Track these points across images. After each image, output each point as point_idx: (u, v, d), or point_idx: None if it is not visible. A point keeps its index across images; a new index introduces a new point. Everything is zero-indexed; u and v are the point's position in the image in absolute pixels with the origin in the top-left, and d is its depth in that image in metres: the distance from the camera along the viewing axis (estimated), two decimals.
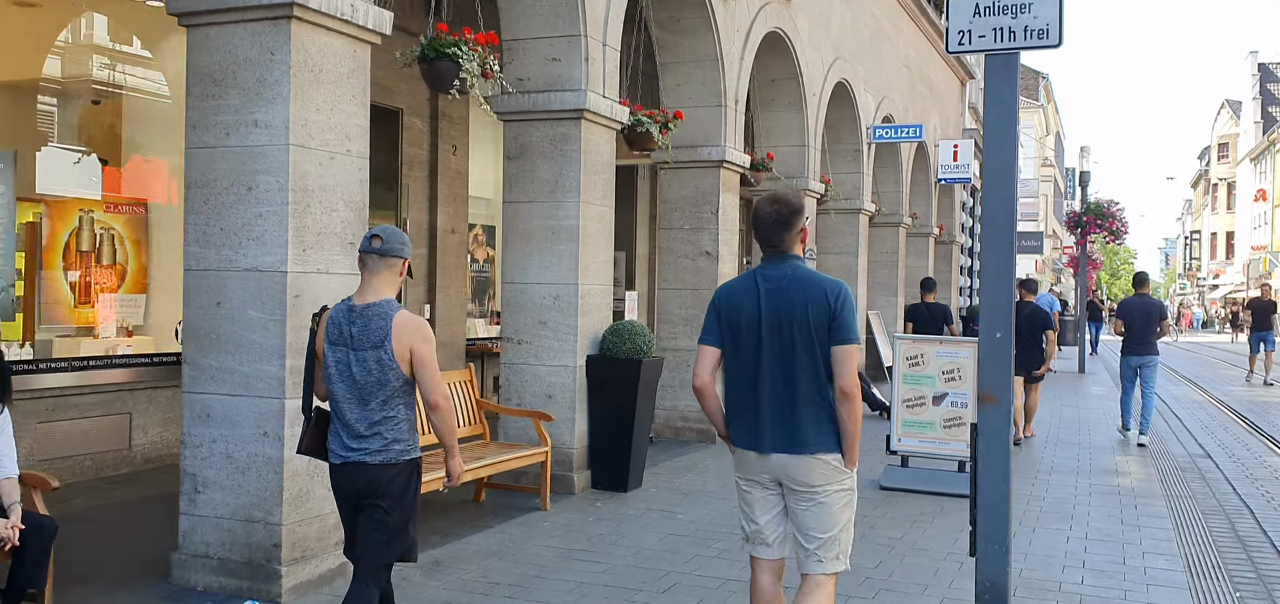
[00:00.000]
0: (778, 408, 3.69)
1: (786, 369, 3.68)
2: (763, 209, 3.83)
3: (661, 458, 9.70)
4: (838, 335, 3.66)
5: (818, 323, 3.66)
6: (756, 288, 3.77)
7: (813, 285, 3.72)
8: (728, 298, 3.86)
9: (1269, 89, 73.08)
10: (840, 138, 16.09)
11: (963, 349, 8.67)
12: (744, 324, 3.75)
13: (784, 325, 3.68)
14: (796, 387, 3.67)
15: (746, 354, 3.75)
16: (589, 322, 8.17)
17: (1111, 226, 22.73)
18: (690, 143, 10.76)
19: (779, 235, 3.79)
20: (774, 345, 3.69)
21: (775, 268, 3.79)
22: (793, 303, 3.69)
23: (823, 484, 3.70)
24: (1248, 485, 9.22)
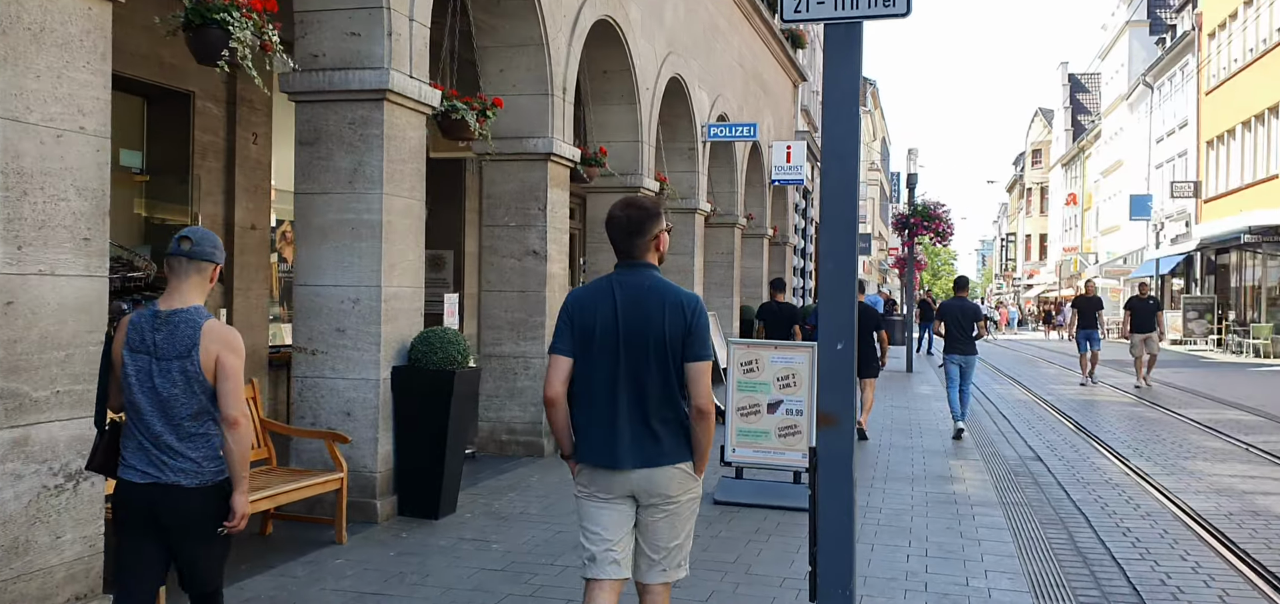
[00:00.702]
0: (636, 421, 3.57)
1: (638, 380, 3.57)
2: (615, 214, 3.70)
3: (483, 476, 8.94)
4: (692, 351, 3.58)
5: (673, 336, 3.56)
6: (613, 295, 3.63)
7: (669, 297, 3.61)
8: (581, 304, 3.68)
9: (1078, 99, 77.37)
10: (675, 135, 15.63)
11: (798, 354, 8.23)
12: (599, 333, 3.60)
13: (640, 336, 3.57)
14: (650, 399, 3.57)
15: (601, 364, 3.60)
16: (395, 329, 7.33)
17: (938, 228, 23.16)
18: (515, 133, 10.03)
19: (631, 242, 3.67)
20: (630, 356, 3.57)
21: (631, 276, 3.66)
22: (648, 312, 3.57)
23: (679, 494, 3.64)
24: (1080, 490, 9.13)
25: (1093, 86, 76.73)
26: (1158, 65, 43.79)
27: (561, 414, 3.67)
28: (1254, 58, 31.85)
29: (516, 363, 10.09)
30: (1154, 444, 11.96)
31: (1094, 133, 62.97)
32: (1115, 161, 54.55)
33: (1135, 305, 19.52)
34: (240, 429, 3.56)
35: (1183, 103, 40.15)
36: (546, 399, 3.65)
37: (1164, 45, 45.68)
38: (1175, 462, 10.69)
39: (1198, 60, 37.64)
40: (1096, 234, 60.13)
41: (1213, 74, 36.03)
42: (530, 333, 10.05)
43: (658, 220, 3.71)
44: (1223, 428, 13.34)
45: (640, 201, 3.77)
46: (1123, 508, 8.38)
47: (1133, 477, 9.80)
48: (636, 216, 3.67)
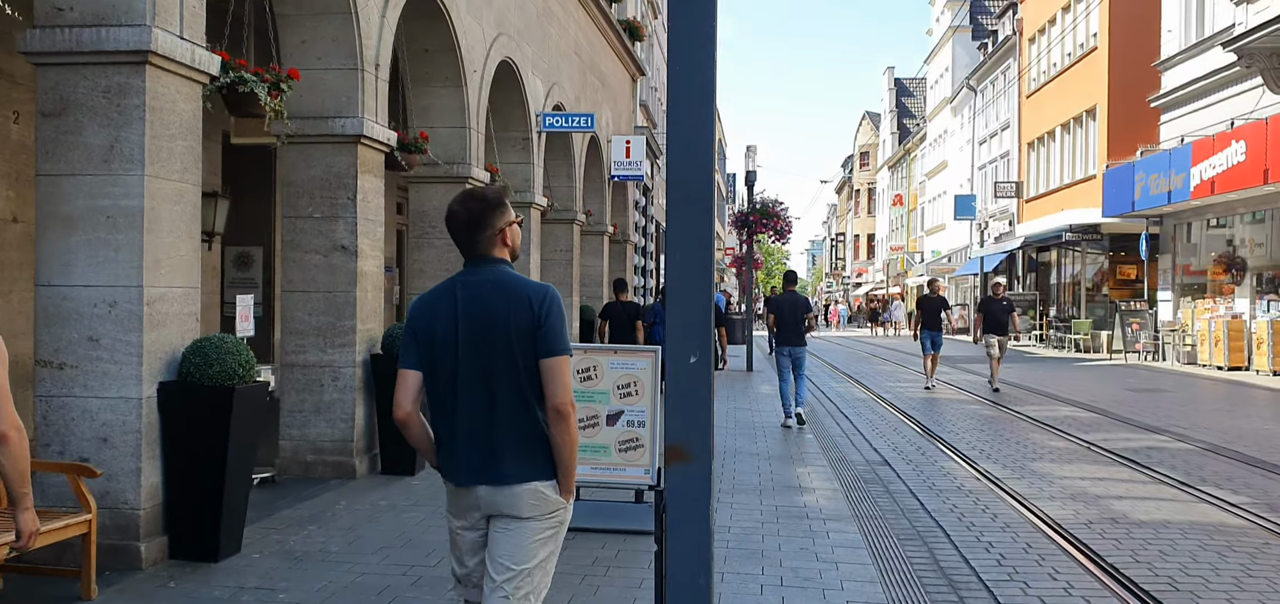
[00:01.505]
0: (476, 433, 3.28)
1: (486, 388, 3.27)
2: (454, 209, 3.41)
3: (281, 504, 7.80)
4: (545, 345, 3.27)
5: (521, 333, 3.26)
6: (454, 297, 3.35)
7: (515, 290, 3.31)
8: (423, 311, 3.41)
9: (903, 102, 80.00)
10: (508, 124, 14.66)
11: (640, 359, 7.42)
12: (440, 339, 3.32)
13: (482, 338, 3.28)
14: (497, 407, 3.27)
15: (443, 374, 3.33)
16: (163, 337, 6.14)
17: (776, 226, 22.89)
18: (319, 113, 8.89)
19: (474, 237, 3.38)
20: (472, 361, 3.29)
21: (475, 274, 3.37)
22: (492, 311, 3.28)
23: (532, 516, 3.29)
24: (934, 499, 8.65)
25: (918, 91, 79.46)
26: (980, 69, 45.28)
27: (417, 430, 3.40)
28: (1071, 62, 33.09)
29: (323, 373, 8.95)
30: (999, 444, 11.71)
31: (919, 135, 65.03)
32: (940, 163, 56.35)
33: (989, 306, 18.47)
34: (11, 444, 3.28)
35: (1005, 106, 41.59)
36: (397, 420, 3.37)
37: (986, 50, 47.34)
38: (1023, 463, 10.41)
39: (1019, 65, 39.00)
40: (922, 233, 62.09)
41: (1033, 78, 37.36)
42: (339, 339, 8.92)
43: (501, 211, 3.40)
44: (1061, 425, 13.29)
45: (481, 193, 3.45)
46: (980, 518, 7.91)
47: (984, 482, 9.41)
48: (477, 210, 3.37)
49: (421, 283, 12.01)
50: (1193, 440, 11.92)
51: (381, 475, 9.09)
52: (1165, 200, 22.73)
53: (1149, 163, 23.72)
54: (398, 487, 8.61)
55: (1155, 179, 23.12)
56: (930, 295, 19.28)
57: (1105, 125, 29.74)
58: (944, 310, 19.07)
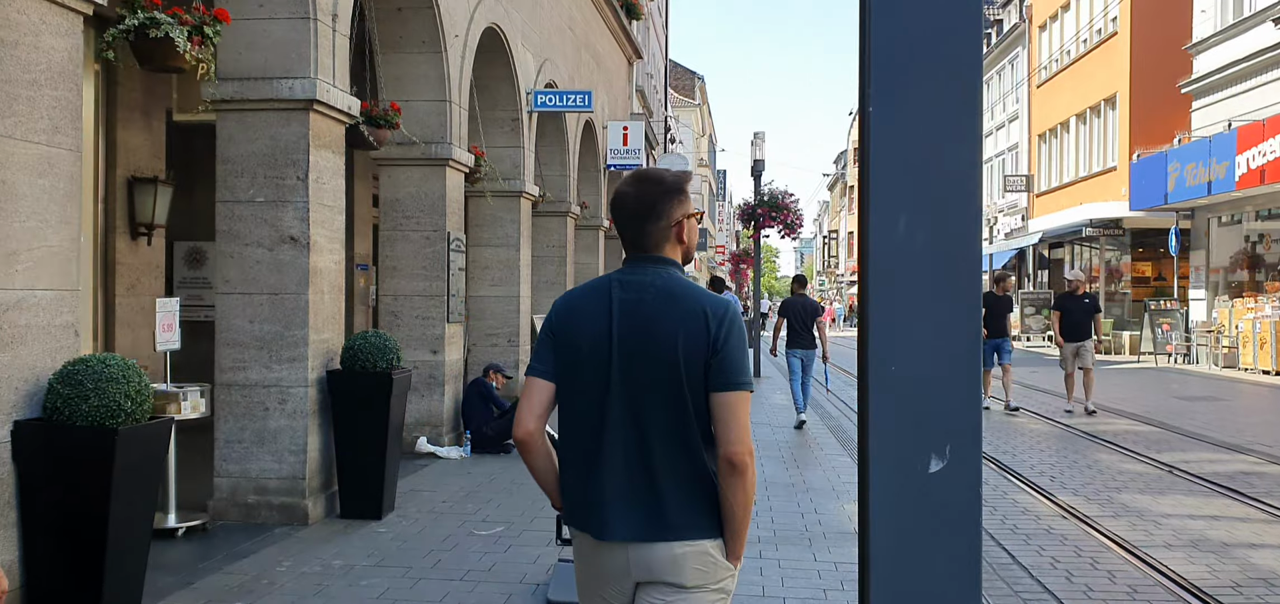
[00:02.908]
0: (630, 474, 2.59)
1: (643, 419, 2.59)
2: (622, 191, 2.73)
3: (212, 562, 6.13)
4: (722, 376, 2.55)
5: (691, 358, 2.55)
6: (609, 301, 2.65)
7: (687, 303, 2.60)
8: (568, 312, 2.72)
9: None
10: (495, 102, 12.96)
11: None
12: (587, 350, 2.63)
13: (642, 357, 2.59)
14: (656, 444, 2.58)
15: (588, 394, 2.63)
16: (20, 360, 4.46)
17: (786, 219, 21.22)
18: (262, 72, 7.20)
19: (642, 228, 2.68)
20: (627, 384, 2.60)
21: (637, 274, 2.67)
22: (657, 326, 2.60)
23: (698, 584, 2.60)
24: (1025, 548, 7.03)
25: None
26: (987, 58, 43.74)
27: (539, 457, 2.72)
28: (1087, 49, 31.54)
29: (268, 395, 7.25)
30: (1067, 469, 10.09)
31: None
32: None
33: (1067, 305, 14.54)
34: None
35: (1012, 97, 40.04)
36: (517, 438, 2.69)
37: (989, 40, 45.83)
38: (1108, 494, 8.78)
39: (1028, 54, 37.45)
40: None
41: (1043, 67, 35.81)
42: (287, 352, 7.23)
43: (680, 199, 2.71)
44: (1125, 442, 11.68)
45: (659, 175, 2.79)
46: (1094, 577, 6.27)
47: (1075, 522, 7.78)
48: (651, 195, 2.70)
49: (396, 282, 10.32)
50: None
51: (340, 520, 7.41)
52: (1204, 192, 21.15)
53: (1185, 152, 22.14)
54: (359, 537, 6.93)
55: (1192, 169, 21.56)
56: (996, 294, 15.08)
57: (1127, 114, 28.17)
58: (1010, 313, 15.22)
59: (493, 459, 10.03)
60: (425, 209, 10.24)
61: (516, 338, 13.16)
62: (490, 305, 13.18)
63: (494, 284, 13.14)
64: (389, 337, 7.61)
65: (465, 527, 7.26)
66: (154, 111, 10.46)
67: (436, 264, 10.24)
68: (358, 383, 7.40)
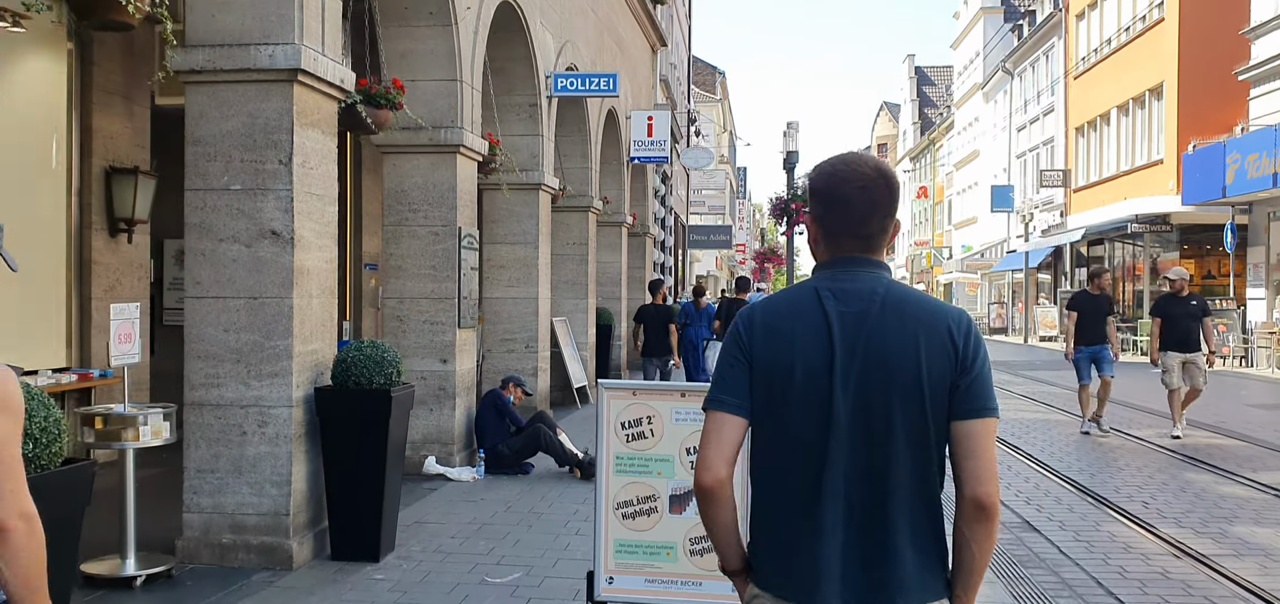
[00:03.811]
0: (859, 531, 2.17)
1: (876, 461, 2.16)
2: (842, 174, 2.26)
3: None
4: (972, 400, 2.16)
5: (937, 380, 2.16)
6: (822, 313, 2.21)
7: (926, 314, 2.20)
8: (768, 331, 2.24)
9: (925, 92, 77.16)
10: (511, 86, 11.88)
11: None
12: (801, 378, 2.18)
13: (878, 383, 2.16)
14: (892, 492, 2.16)
15: (801, 432, 2.18)
16: None
17: None
18: (237, 38, 6.14)
19: (867, 223, 2.25)
20: (857, 418, 2.16)
21: (854, 280, 2.24)
22: (893, 344, 2.17)
23: None
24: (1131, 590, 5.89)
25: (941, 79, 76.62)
26: (1019, 50, 42.40)
27: (729, 511, 2.24)
28: (1130, 38, 30.21)
29: (246, 416, 6.18)
30: (1156, 492, 8.92)
31: (946, 124, 62.20)
32: (971, 152, 53.51)
33: (1170, 309, 11.94)
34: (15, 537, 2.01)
35: (1047, 89, 38.71)
36: (701, 488, 2.22)
37: (1019, 33, 44.49)
38: (1216, 525, 7.62)
39: (1065, 44, 36.11)
40: (950, 227, 59.29)
41: (1082, 57, 34.47)
42: (268, 365, 6.16)
43: (898, 195, 2.31)
44: (1210, 458, 10.50)
45: (880, 164, 2.29)
46: None
47: (1187, 559, 6.63)
48: (881, 187, 2.24)
49: (401, 283, 9.25)
50: None
51: (331, 562, 6.32)
52: (1269, 184, 19.83)
53: (1246, 142, 20.83)
54: (352, 585, 5.85)
55: (1254, 160, 20.25)
56: (1090, 292, 12.55)
57: (1175, 104, 26.83)
58: (1110, 315, 12.45)
59: (508, 482, 8.94)
60: (434, 201, 9.16)
61: (535, 344, 12.07)
62: (506, 308, 12.11)
63: (510, 285, 12.06)
64: (387, 347, 6.52)
65: (476, 571, 6.17)
66: (136, 96, 9.47)
67: (446, 263, 9.16)
68: (351, 402, 6.31)
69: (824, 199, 2.29)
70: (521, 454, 9.25)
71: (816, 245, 2.34)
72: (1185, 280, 12.20)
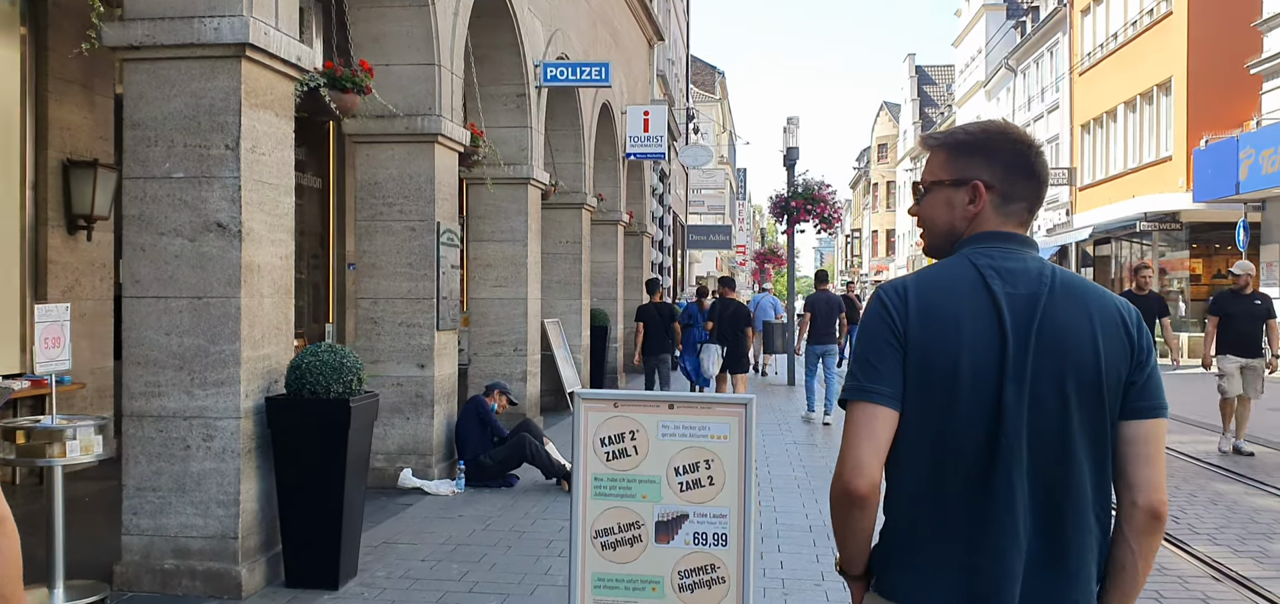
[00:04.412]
0: (1036, 542, 1.93)
1: (1052, 463, 1.93)
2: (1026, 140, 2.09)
3: None
4: (1148, 398, 1.97)
5: (1113, 373, 1.95)
6: (989, 294, 1.96)
7: (1099, 301, 1.99)
8: (925, 311, 1.98)
9: (925, 91, 76.56)
10: (498, 75, 11.27)
11: (716, 416, 4.02)
12: (968, 367, 1.93)
13: (1053, 377, 1.93)
14: (1070, 498, 1.94)
15: (965, 428, 1.94)
16: None
17: (822, 212, 19.44)
18: (180, 10, 5.56)
19: (1042, 199, 2.11)
20: (1033, 415, 1.92)
21: (1019, 259, 2.02)
22: (1072, 332, 1.94)
23: None
24: None
25: (942, 78, 76.01)
26: (1021, 48, 41.80)
27: (868, 521, 2.00)
28: (1137, 32, 29.60)
29: (190, 429, 5.58)
30: (1185, 503, 8.31)
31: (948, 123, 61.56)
32: None
33: (1232, 308, 10.50)
34: None
35: (1052, 86, 38.09)
36: (855, 494, 1.94)
37: (1022, 29, 43.89)
38: (1256, 544, 7.03)
39: (1069, 40, 35.49)
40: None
41: (1087, 53, 33.85)
42: (214, 373, 5.56)
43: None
44: (1237, 466, 9.89)
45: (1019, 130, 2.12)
46: None
47: (1228, 583, 6.04)
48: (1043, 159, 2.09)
49: (375, 282, 8.64)
50: None
51: (285, 590, 5.71)
52: None
53: (1261, 136, 20.20)
54: None
55: (1269, 155, 19.63)
56: (1137, 292, 10.67)
57: (1185, 99, 26.21)
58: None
59: (490, 495, 8.33)
60: (410, 194, 8.56)
61: (523, 347, 11.46)
62: (493, 309, 11.50)
63: (497, 284, 11.45)
64: (347, 352, 5.91)
65: (445, 600, 5.57)
66: (97, 85, 8.91)
67: (424, 260, 8.56)
68: (306, 412, 5.70)
69: (1009, 162, 2.05)
70: (505, 465, 8.64)
71: (966, 217, 2.07)
72: (1251, 275, 10.76)
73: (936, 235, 2.14)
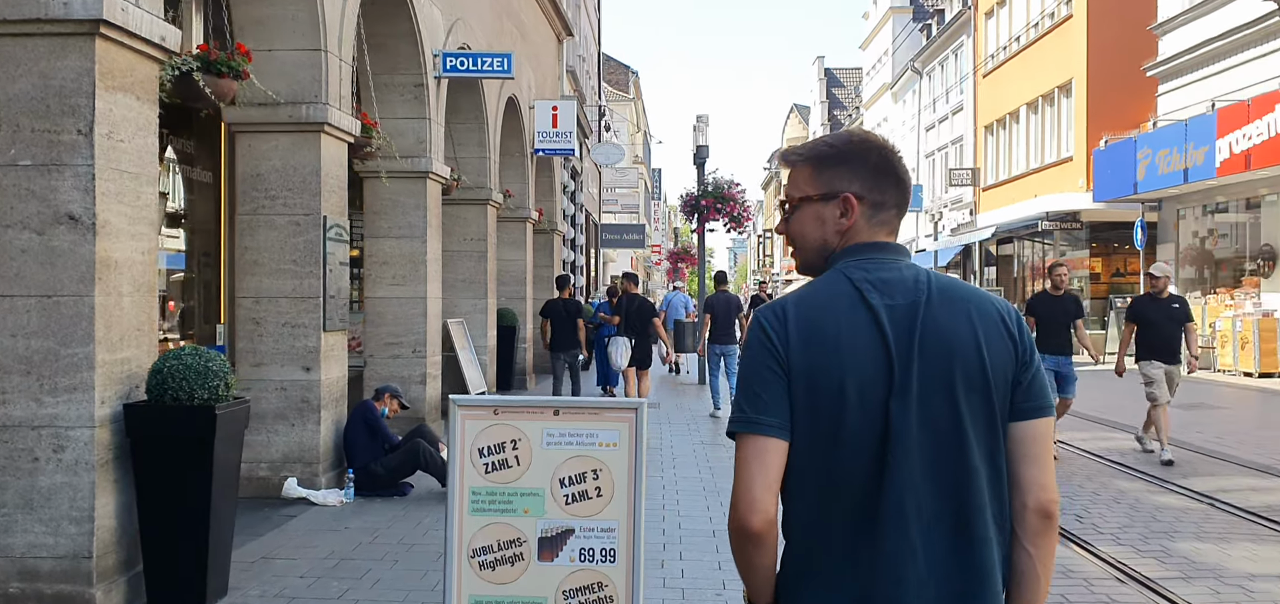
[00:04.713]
0: (941, 563, 1.88)
1: (947, 477, 1.89)
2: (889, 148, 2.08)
3: None
4: (1034, 397, 1.94)
5: (1000, 376, 1.91)
6: (868, 311, 1.91)
7: (979, 303, 1.96)
8: (807, 326, 1.92)
9: (834, 93, 77.50)
10: (394, 64, 10.83)
11: (606, 423, 3.73)
12: (854, 388, 1.88)
13: (942, 386, 1.89)
14: (970, 510, 1.89)
15: (853, 448, 1.88)
16: None
17: (732, 211, 19.31)
18: None
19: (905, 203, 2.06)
20: (924, 430, 1.88)
21: (893, 267, 1.97)
22: (955, 339, 1.90)
23: None
24: None
25: (848, 80, 76.99)
26: (926, 50, 42.44)
27: (772, 555, 1.95)
28: (1039, 35, 30.19)
29: (38, 439, 5.10)
30: (1089, 502, 8.32)
31: (855, 125, 62.36)
32: None
33: (1148, 313, 10.17)
34: None
35: (956, 88, 38.73)
36: (750, 532, 1.89)
37: (928, 32, 44.56)
38: (1157, 541, 7.00)
39: (974, 42, 36.11)
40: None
41: (991, 55, 34.46)
42: (65, 378, 5.10)
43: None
44: (1138, 464, 9.99)
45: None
46: None
47: (1133, 585, 5.96)
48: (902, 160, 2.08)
49: (257, 280, 8.18)
50: None
51: None
52: (1180, 180, 19.67)
53: (1157, 137, 20.67)
54: None
55: (1165, 155, 20.07)
56: (1053, 293, 10.26)
57: (1085, 101, 26.79)
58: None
59: (382, 505, 7.93)
60: (294, 187, 8.11)
61: (423, 348, 11.05)
62: (391, 308, 11.05)
63: (395, 283, 11.01)
64: (214, 355, 5.48)
65: None
66: None
67: (309, 256, 8.11)
68: (168, 420, 5.26)
69: (875, 170, 2.01)
70: (398, 473, 8.25)
71: (838, 231, 2.01)
72: (1168, 278, 10.42)
73: (809, 252, 2.07)
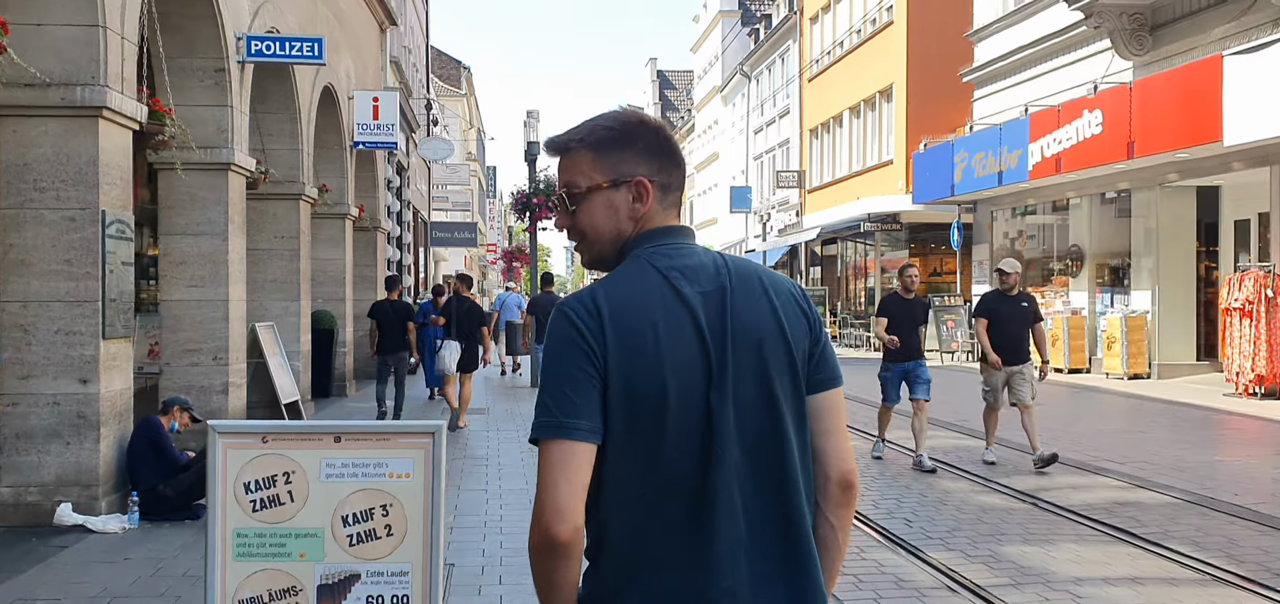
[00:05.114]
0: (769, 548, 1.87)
1: (768, 460, 1.88)
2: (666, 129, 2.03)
3: None
4: (829, 368, 1.97)
5: (801, 353, 1.93)
6: (680, 301, 1.86)
7: (775, 282, 1.97)
8: (622, 325, 1.82)
9: (667, 96, 78.28)
10: (191, 47, 9.94)
11: (396, 451, 3.24)
12: (674, 381, 1.82)
13: (756, 370, 1.88)
14: (794, 493, 1.89)
15: (678, 446, 1.83)
16: None
17: None
18: None
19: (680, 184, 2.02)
20: (742, 415, 1.86)
21: (691, 253, 1.93)
22: (761, 321, 1.89)
23: None
24: None
25: (680, 83, 77.86)
26: (755, 54, 43.15)
27: (574, 569, 1.81)
28: (861, 41, 31.00)
29: None
30: (915, 505, 8.31)
31: (687, 127, 63.08)
32: (711, 155, 54.39)
33: (999, 309, 9.85)
34: None
35: (783, 92, 39.48)
36: (557, 542, 1.75)
37: (756, 36, 45.36)
38: (985, 546, 6.97)
39: (799, 47, 36.86)
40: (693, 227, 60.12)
41: (815, 60, 35.24)
42: None
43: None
44: (962, 464, 10.14)
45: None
46: None
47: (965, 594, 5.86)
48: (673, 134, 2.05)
49: (23, 283, 7.27)
50: (1155, 485, 8.92)
51: None
52: (994, 182, 20.40)
53: (973, 141, 21.38)
54: None
55: (981, 159, 20.79)
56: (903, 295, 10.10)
57: (904, 106, 27.63)
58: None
59: (170, 531, 7.16)
60: (68, 178, 7.25)
61: (225, 355, 10.19)
62: (188, 312, 10.14)
63: (192, 284, 10.11)
64: None
65: None
66: None
67: (86, 256, 7.27)
68: None
69: (657, 151, 1.96)
70: (190, 495, 7.47)
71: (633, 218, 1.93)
72: (1018, 274, 10.03)
73: (603, 244, 1.95)
